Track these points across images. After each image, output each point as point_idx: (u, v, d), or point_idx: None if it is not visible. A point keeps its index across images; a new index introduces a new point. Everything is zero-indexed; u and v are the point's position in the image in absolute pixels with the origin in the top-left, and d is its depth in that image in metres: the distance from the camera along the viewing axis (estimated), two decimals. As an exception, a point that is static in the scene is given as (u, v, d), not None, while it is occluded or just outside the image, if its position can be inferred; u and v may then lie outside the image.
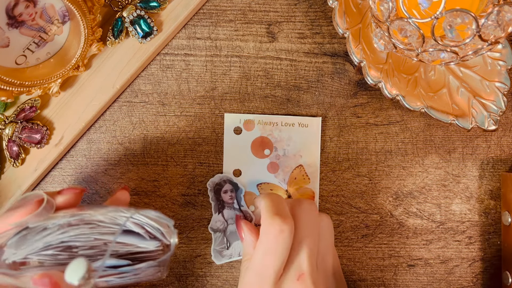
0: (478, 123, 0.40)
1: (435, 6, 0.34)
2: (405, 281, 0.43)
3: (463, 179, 0.43)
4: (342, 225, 0.43)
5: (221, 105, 0.43)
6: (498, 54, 0.40)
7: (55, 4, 0.37)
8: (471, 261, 0.43)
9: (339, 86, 0.43)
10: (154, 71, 0.43)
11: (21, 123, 0.40)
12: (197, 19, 0.43)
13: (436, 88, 0.41)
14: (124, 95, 0.43)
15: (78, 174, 0.43)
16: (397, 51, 0.37)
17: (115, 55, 0.41)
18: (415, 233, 0.43)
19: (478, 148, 0.43)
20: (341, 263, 0.43)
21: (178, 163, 0.43)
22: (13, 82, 0.37)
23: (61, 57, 0.40)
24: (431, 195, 0.43)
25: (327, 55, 0.43)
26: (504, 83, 0.40)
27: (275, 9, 0.43)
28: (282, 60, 0.43)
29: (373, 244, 0.43)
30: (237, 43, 0.43)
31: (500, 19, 0.33)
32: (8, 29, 0.36)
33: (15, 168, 0.41)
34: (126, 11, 0.40)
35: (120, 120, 0.43)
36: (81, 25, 0.37)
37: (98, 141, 0.43)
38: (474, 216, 0.43)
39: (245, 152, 0.42)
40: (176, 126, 0.43)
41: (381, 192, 0.43)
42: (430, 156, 0.43)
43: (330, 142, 0.43)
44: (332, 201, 0.43)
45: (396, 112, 0.43)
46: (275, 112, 0.43)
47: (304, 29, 0.43)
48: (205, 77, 0.43)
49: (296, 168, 0.43)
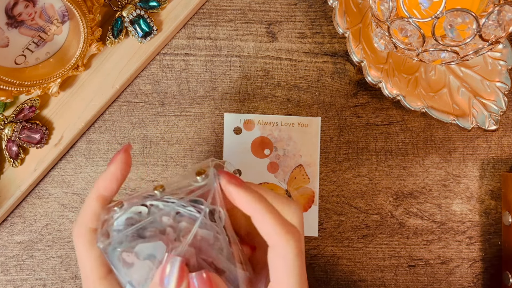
0: (478, 123, 0.40)
1: (435, 5, 0.34)
2: (405, 282, 0.43)
3: (463, 179, 0.43)
4: (342, 225, 0.43)
5: (221, 105, 0.43)
6: (499, 54, 0.40)
7: (55, 3, 0.37)
8: (472, 261, 0.43)
9: (339, 86, 0.43)
10: (153, 71, 0.43)
11: (21, 123, 0.40)
12: (197, 18, 0.43)
13: (437, 88, 0.41)
14: (123, 95, 0.42)
15: (78, 174, 0.42)
16: (398, 51, 0.37)
17: (114, 55, 0.41)
18: (416, 233, 0.43)
19: (479, 148, 0.43)
20: (341, 264, 0.43)
21: (178, 163, 0.43)
22: (12, 82, 0.37)
23: (60, 57, 0.39)
24: (432, 195, 0.43)
25: (327, 55, 0.43)
26: (505, 83, 0.40)
27: (275, 8, 0.43)
28: (282, 60, 0.43)
29: (374, 244, 0.43)
30: (237, 43, 0.43)
31: (500, 18, 0.33)
32: (8, 29, 0.36)
33: (15, 168, 0.41)
34: (125, 10, 0.40)
35: (119, 120, 0.43)
36: (81, 25, 0.37)
37: (98, 141, 0.43)
38: (474, 216, 0.43)
39: (245, 152, 0.42)
40: (175, 126, 0.43)
41: (382, 192, 0.43)
42: (431, 156, 0.43)
43: (330, 142, 0.43)
44: (332, 201, 0.43)
45: (396, 112, 0.43)
46: (275, 112, 0.43)
47: (304, 28, 0.43)
48: (205, 77, 0.43)
49: (296, 168, 0.42)
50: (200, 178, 0.26)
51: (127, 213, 0.26)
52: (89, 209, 0.26)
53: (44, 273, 0.42)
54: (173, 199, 0.26)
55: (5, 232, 0.42)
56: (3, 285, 0.42)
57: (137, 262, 0.25)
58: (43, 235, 0.42)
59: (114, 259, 0.25)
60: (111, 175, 0.27)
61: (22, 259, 0.42)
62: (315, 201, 0.42)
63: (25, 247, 0.42)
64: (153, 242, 0.25)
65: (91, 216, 0.26)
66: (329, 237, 0.43)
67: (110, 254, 0.25)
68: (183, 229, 0.26)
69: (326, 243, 0.43)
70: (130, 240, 0.25)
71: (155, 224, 0.26)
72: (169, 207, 0.26)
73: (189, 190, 0.26)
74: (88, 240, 0.26)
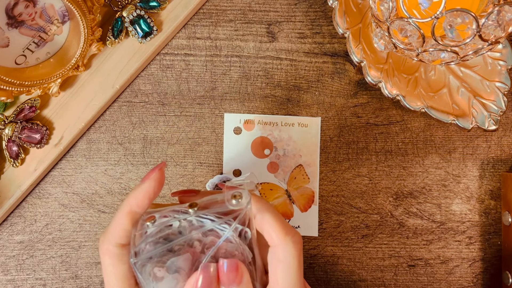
0: (478, 123, 0.40)
1: (435, 6, 0.34)
2: (405, 281, 0.43)
3: (463, 179, 0.43)
4: (342, 225, 0.43)
5: (221, 105, 0.43)
6: (499, 54, 0.40)
7: (55, 4, 0.37)
8: (472, 261, 0.43)
9: (339, 86, 0.43)
10: (154, 71, 0.43)
11: (21, 123, 0.40)
12: (197, 19, 0.43)
13: (437, 88, 0.41)
14: (124, 95, 0.43)
15: (78, 174, 0.42)
16: (397, 51, 0.37)
17: (115, 55, 0.41)
18: (415, 233, 0.43)
19: (479, 148, 0.43)
20: (341, 263, 0.43)
21: (178, 163, 0.43)
22: (12, 82, 0.37)
23: (60, 57, 0.39)
24: (431, 195, 0.43)
25: (327, 55, 0.43)
26: (505, 83, 0.40)
27: (275, 9, 0.43)
28: (282, 60, 0.43)
29: (373, 244, 0.43)
30: (237, 43, 0.43)
31: (500, 19, 0.33)
32: (8, 29, 0.36)
33: (15, 168, 0.41)
34: (126, 11, 0.40)
35: (120, 120, 0.43)
36: (81, 25, 0.37)
37: (98, 141, 0.43)
38: (474, 216, 0.43)
39: (245, 152, 0.42)
40: (176, 126, 0.43)
41: (381, 192, 0.43)
42: (430, 156, 0.43)
43: (330, 142, 0.43)
44: (332, 201, 0.43)
45: (396, 112, 0.43)
46: (275, 112, 0.43)
47: (304, 29, 0.43)
48: (205, 77, 0.43)
49: (296, 168, 0.43)
50: (235, 201, 0.26)
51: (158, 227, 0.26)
52: (119, 225, 0.26)
53: (45, 273, 0.42)
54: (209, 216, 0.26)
55: (6, 232, 0.42)
56: (4, 285, 0.42)
57: (167, 276, 0.25)
58: (43, 235, 0.42)
59: (144, 274, 0.25)
60: (144, 192, 0.26)
61: (22, 259, 0.42)
62: (315, 201, 0.43)
63: (26, 247, 0.42)
64: (182, 255, 0.25)
65: (120, 232, 0.26)
66: (329, 237, 0.43)
67: (140, 269, 0.25)
68: (208, 242, 0.26)
69: (326, 243, 0.43)
70: (161, 255, 0.26)
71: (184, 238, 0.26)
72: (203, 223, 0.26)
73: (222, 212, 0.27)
74: (116, 256, 0.26)
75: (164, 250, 0.26)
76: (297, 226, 0.43)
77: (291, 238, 0.26)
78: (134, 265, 0.25)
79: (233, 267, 0.25)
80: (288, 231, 0.27)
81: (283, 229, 0.27)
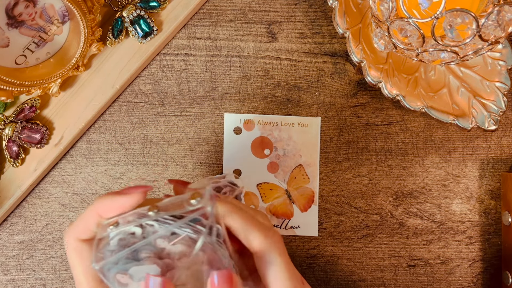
0: (478, 123, 0.40)
1: (435, 6, 0.34)
2: (405, 281, 0.43)
3: (463, 179, 0.43)
4: (342, 225, 0.43)
5: (221, 105, 0.43)
6: (498, 54, 0.40)
7: (55, 4, 0.37)
8: (471, 261, 0.43)
9: (339, 86, 0.43)
10: (154, 71, 0.43)
11: (21, 123, 0.40)
12: (197, 19, 0.43)
13: (436, 88, 0.41)
14: (124, 95, 0.43)
15: (78, 174, 0.43)
16: (397, 51, 0.37)
17: (115, 55, 0.41)
18: (415, 233, 0.43)
19: (478, 148, 0.43)
20: (341, 263, 0.43)
21: (178, 163, 0.43)
22: (13, 82, 0.37)
23: (61, 57, 0.40)
24: (431, 195, 0.43)
25: (327, 55, 0.43)
26: (504, 83, 0.40)
27: (275, 9, 0.43)
28: (282, 60, 0.43)
29: (373, 244, 0.43)
30: (237, 43, 0.43)
31: (500, 19, 0.33)
32: (8, 29, 0.36)
33: (15, 168, 0.41)
34: (126, 11, 0.40)
35: (120, 120, 0.43)
36: (81, 25, 0.37)
37: (98, 141, 0.43)
38: (474, 216, 0.43)
39: (245, 152, 0.42)
40: (176, 126, 0.43)
41: (381, 192, 0.43)
42: (430, 156, 0.43)
43: (330, 142, 0.43)
44: (332, 201, 0.43)
45: (396, 112, 0.43)
46: (275, 112, 0.43)
47: (304, 29, 0.43)
48: (205, 77, 0.43)
49: (296, 168, 0.43)
50: (195, 201, 0.26)
51: (121, 234, 0.26)
52: (84, 222, 0.27)
53: (45, 273, 0.42)
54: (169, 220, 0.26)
55: (6, 232, 0.42)
56: (4, 285, 0.42)
57: (131, 283, 0.25)
58: (44, 235, 0.42)
59: (110, 279, 0.25)
60: (118, 206, 0.26)
61: (22, 258, 0.42)
62: (315, 201, 0.43)
63: (26, 247, 0.42)
64: (147, 265, 0.25)
65: (83, 229, 0.27)
66: (329, 237, 0.43)
67: (105, 273, 0.25)
68: (178, 252, 0.25)
69: (326, 243, 0.43)
70: (125, 262, 0.25)
71: (150, 247, 0.26)
72: (165, 228, 0.25)
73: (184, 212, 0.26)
74: (79, 250, 0.27)
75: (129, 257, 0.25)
76: (297, 226, 0.43)
77: (271, 239, 0.26)
78: (98, 271, 0.25)
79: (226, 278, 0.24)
80: (266, 232, 0.26)
81: (261, 232, 0.26)
